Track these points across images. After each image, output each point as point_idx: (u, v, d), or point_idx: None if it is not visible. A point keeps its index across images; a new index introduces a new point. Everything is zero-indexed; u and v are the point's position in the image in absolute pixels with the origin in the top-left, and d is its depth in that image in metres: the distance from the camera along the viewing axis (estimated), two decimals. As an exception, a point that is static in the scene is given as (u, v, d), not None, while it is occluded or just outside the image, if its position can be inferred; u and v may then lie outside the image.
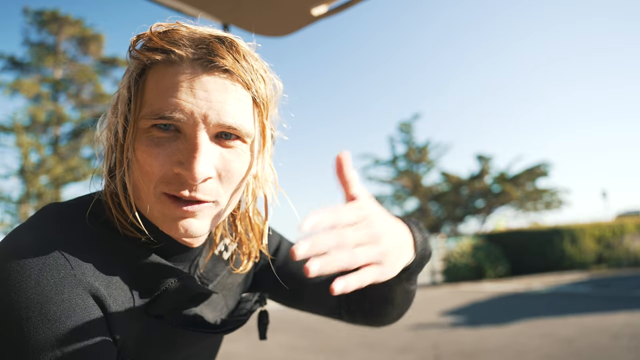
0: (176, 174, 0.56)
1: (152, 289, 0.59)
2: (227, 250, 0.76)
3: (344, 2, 1.29)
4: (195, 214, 0.57)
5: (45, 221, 0.57)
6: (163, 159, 0.55)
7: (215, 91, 0.56)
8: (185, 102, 0.54)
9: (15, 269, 0.49)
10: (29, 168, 21.78)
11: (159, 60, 0.56)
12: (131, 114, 0.56)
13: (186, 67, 0.56)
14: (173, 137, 0.56)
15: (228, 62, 0.56)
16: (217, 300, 0.73)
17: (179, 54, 0.55)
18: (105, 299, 0.53)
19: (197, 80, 0.55)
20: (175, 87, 0.55)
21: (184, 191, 0.56)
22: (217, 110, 0.56)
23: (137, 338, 0.58)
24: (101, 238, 0.58)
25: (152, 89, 0.56)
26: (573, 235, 12.68)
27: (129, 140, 0.56)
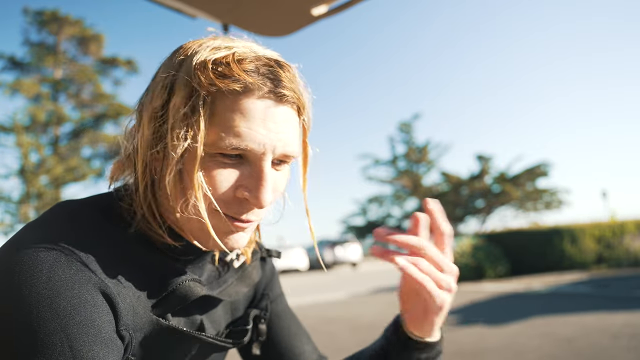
0: (239, 198, 0.58)
1: (160, 289, 0.60)
2: (239, 259, 0.77)
3: (344, 2, 1.29)
4: (245, 229, 0.61)
5: (58, 218, 0.58)
6: (227, 184, 0.58)
7: (282, 122, 0.59)
8: (258, 134, 0.56)
9: (27, 263, 0.50)
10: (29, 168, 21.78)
11: (235, 90, 0.56)
12: (200, 139, 0.56)
13: (259, 97, 0.57)
14: (237, 163, 0.58)
15: (292, 94, 0.59)
16: (223, 309, 0.74)
17: (255, 84, 0.56)
18: (114, 297, 0.54)
19: (269, 112, 0.57)
20: (249, 118, 0.56)
21: (243, 215, 0.60)
22: (284, 142, 0.59)
23: (142, 338, 0.59)
24: (112, 237, 0.59)
25: (223, 117, 0.56)
26: (573, 235, 12.67)
27: (192, 164, 0.56)
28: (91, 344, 0.50)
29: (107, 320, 0.53)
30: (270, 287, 0.87)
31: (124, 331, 0.55)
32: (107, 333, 0.52)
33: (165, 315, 0.61)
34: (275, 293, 0.87)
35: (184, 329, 0.63)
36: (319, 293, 11.41)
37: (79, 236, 0.55)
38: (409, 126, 41.00)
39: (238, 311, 0.79)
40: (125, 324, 0.55)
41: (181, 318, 0.64)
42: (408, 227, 0.59)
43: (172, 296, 0.61)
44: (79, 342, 0.49)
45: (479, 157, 38.27)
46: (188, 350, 0.66)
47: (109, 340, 0.52)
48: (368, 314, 7.89)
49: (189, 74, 0.57)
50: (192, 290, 0.62)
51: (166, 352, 0.62)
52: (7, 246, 0.54)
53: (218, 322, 0.72)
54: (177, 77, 0.58)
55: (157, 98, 0.59)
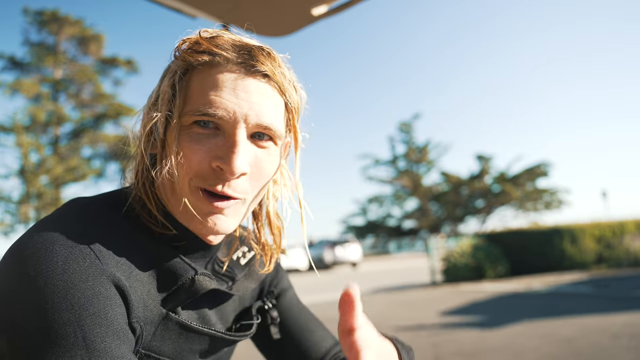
0: (213, 168, 0.59)
1: (170, 283, 0.61)
2: (245, 256, 0.79)
3: (344, 2, 1.29)
4: (223, 210, 0.61)
5: (72, 214, 0.60)
6: (202, 154, 0.59)
7: (255, 93, 0.60)
8: (228, 101, 0.59)
9: (43, 256, 0.52)
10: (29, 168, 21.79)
11: (205, 61, 0.60)
12: (175, 110, 0.60)
13: (230, 69, 0.60)
14: (213, 134, 0.60)
15: (267, 68, 0.61)
16: (231, 304, 0.76)
17: (224, 56, 0.60)
18: (127, 289, 0.55)
19: (240, 82, 0.60)
20: (219, 86, 0.59)
21: (218, 186, 0.60)
22: (257, 111, 0.60)
23: (153, 332, 0.60)
24: (124, 231, 0.60)
25: (197, 88, 0.60)
26: (573, 235, 12.67)
27: (174, 135, 0.60)
28: (104, 335, 0.51)
29: (120, 312, 0.54)
30: (275, 283, 0.88)
31: (135, 323, 0.57)
32: (120, 325, 0.53)
33: (175, 309, 0.62)
34: (281, 287, 0.88)
35: (192, 324, 0.64)
36: (319, 293, 11.42)
37: (92, 231, 0.57)
38: (409, 126, 41.03)
39: (246, 307, 0.81)
40: (136, 317, 0.57)
41: (191, 312, 0.66)
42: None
43: (182, 290, 0.62)
44: (92, 333, 0.50)
45: (479, 157, 38.29)
46: (197, 343, 0.67)
47: (121, 332, 0.53)
48: (368, 314, 7.82)
49: (172, 60, 0.63)
50: (202, 284, 0.63)
51: (176, 345, 0.63)
52: (22, 239, 0.55)
53: (226, 317, 0.74)
54: (167, 68, 0.64)
55: (154, 91, 0.65)
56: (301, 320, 0.88)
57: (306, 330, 0.87)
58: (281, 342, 0.85)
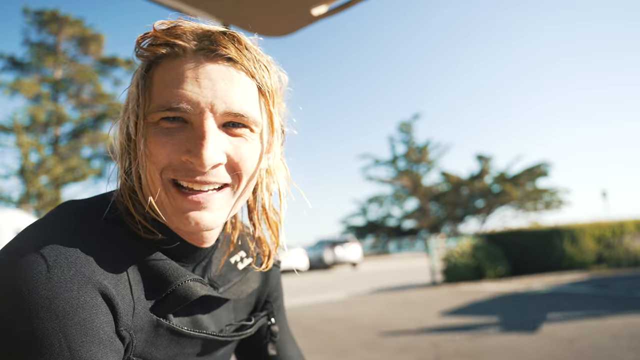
0: (184, 161, 0.57)
1: (160, 290, 0.60)
2: (243, 262, 0.77)
3: (344, 2, 1.29)
4: (204, 205, 0.58)
5: (60, 219, 0.58)
6: (171, 147, 0.57)
7: (220, 80, 0.57)
8: (191, 93, 0.56)
9: (27, 264, 0.51)
10: (29, 168, 21.78)
11: (163, 54, 0.58)
12: (140, 109, 0.58)
13: (190, 58, 0.57)
14: (181, 128, 0.57)
15: (231, 52, 0.58)
16: (225, 308, 0.74)
17: (183, 45, 0.57)
18: (114, 298, 0.54)
19: (202, 70, 0.57)
20: (180, 78, 0.56)
21: (191, 177, 0.57)
22: (223, 99, 0.57)
23: (144, 339, 0.59)
24: (113, 237, 0.59)
25: (158, 83, 0.58)
26: (573, 235, 12.67)
27: (140, 133, 0.58)
28: (89, 345, 0.50)
29: (106, 321, 0.53)
30: (275, 296, 0.88)
31: (123, 331, 0.55)
32: (106, 334, 0.52)
33: (166, 315, 0.61)
34: (277, 305, 0.88)
35: (184, 329, 0.62)
36: (319, 293, 11.41)
37: (80, 236, 0.56)
38: (409, 126, 41.02)
39: (241, 310, 0.79)
40: (125, 324, 0.55)
41: (182, 316, 0.64)
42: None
43: (172, 296, 0.61)
44: (77, 343, 0.49)
45: (479, 157, 38.28)
46: (190, 347, 0.66)
47: (108, 340, 0.52)
48: (368, 314, 7.88)
49: (133, 53, 0.61)
50: (192, 290, 0.62)
51: (168, 351, 0.62)
52: (9, 246, 0.54)
53: (220, 319, 0.72)
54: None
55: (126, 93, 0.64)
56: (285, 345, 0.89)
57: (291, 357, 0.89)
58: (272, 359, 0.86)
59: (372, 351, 5.19)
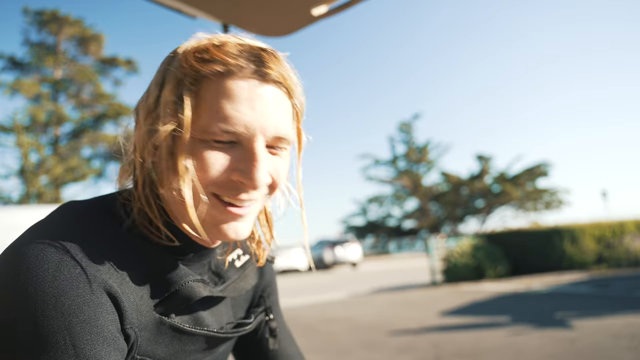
0: (233, 180, 0.58)
1: (163, 289, 0.61)
2: (240, 259, 0.79)
3: (344, 2, 1.29)
4: (243, 217, 0.61)
5: (64, 218, 0.59)
6: (220, 167, 0.58)
7: (270, 102, 0.59)
8: (246, 116, 0.57)
9: (33, 263, 0.51)
10: (29, 168, 21.78)
11: (217, 71, 0.57)
12: (185, 123, 0.57)
13: (243, 77, 0.57)
14: (231, 147, 0.58)
15: (279, 74, 0.59)
16: (225, 305, 0.75)
17: (237, 64, 0.57)
18: (119, 296, 0.55)
19: (255, 92, 0.58)
20: (235, 99, 0.57)
21: (237, 196, 0.59)
22: (274, 123, 0.59)
23: (147, 337, 0.60)
24: (117, 236, 0.59)
25: (210, 100, 0.57)
26: (573, 235, 12.66)
27: (182, 149, 0.57)
28: (94, 343, 0.50)
29: (111, 319, 0.53)
30: (268, 291, 0.89)
31: (129, 329, 0.56)
32: (110, 332, 0.53)
33: (168, 313, 0.62)
34: (272, 300, 0.89)
35: (185, 326, 0.64)
36: (319, 293, 11.41)
37: (84, 236, 0.56)
38: (409, 126, 41.01)
39: (241, 308, 0.81)
40: (130, 323, 0.56)
41: (184, 315, 0.65)
42: None
43: (175, 296, 0.62)
44: (81, 341, 0.50)
45: (479, 157, 38.28)
46: (191, 344, 0.67)
47: (112, 339, 0.53)
48: (368, 314, 7.88)
49: (175, 66, 0.59)
50: (195, 290, 0.63)
51: (169, 348, 0.63)
52: (14, 245, 0.55)
53: (220, 316, 0.74)
54: (166, 73, 0.60)
55: (150, 95, 0.62)
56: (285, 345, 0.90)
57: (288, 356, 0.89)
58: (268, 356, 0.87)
59: (372, 351, 5.19)
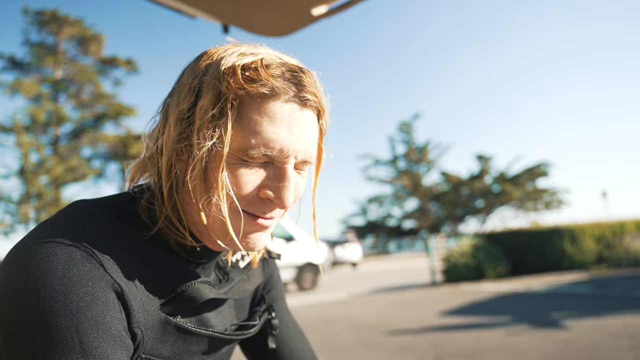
0: (261, 197, 0.60)
1: (169, 290, 0.62)
2: (244, 259, 0.79)
3: (344, 2, 1.29)
4: (267, 229, 0.63)
5: (73, 216, 0.59)
6: (251, 184, 0.59)
7: (306, 128, 0.61)
8: (284, 139, 0.58)
9: (43, 260, 0.52)
10: (29, 168, 21.76)
11: (263, 93, 0.58)
12: (226, 139, 0.57)
13: (284, 100, 0.58)
14: (263, 165, 0.60)
15: (315, 98, 0.61)
16: (228, 306, 0.76)
17: (281, 88, 0.58)
18: (126, 295, 0.55)
19: (294, 117, 0.59)
20: (275, 121, 0.58)
21: (267, 213, 0.62)
22: (306, 148, 0.61)
23: (153, 337, 0.60)
24: (125, 237, 0.60)
25: (252, 119, 0.58)
26: (573, 235, 12.66)
27: (217, 163, 0.58)
28: (100, 341, 0.51)
29: (118, 318, 0.54)
30: (268, 287, 0.89)
31: (136, 328, 0.57)
32: (117, 331, 0.53)
33: (174, 313, 0.63)
34: (273, 295, 0.89)
35: (190, 327, 0.64)
36: (319, 293, 11.41)
37: (93, 234, 0.57)
38: (409, 126, 41.00)
39: (243, 308, 0.82)
40: (137, 322, 0.57)
41: (189, 315, 0.66)
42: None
43: (181, 297, 0.62)
44: (89, 338, 0.50)
45: (479, 157, 38.27)
46: (195, 344, 0.67)
47: (119, 338, 0.53)
48: (368, 314, 7.88)
49: (217, 78, 0.59)
50: (201, 292, 0.64)
51: (174, 347, 0.64)
52: (23, 242, 0.55)
53: (225, 317, 0.74)
54: (204, 81, 0.60)
55: (183, 101, 0.61)
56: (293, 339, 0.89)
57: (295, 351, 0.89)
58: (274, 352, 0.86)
59: (372, 351, 5.20)
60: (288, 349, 0.87)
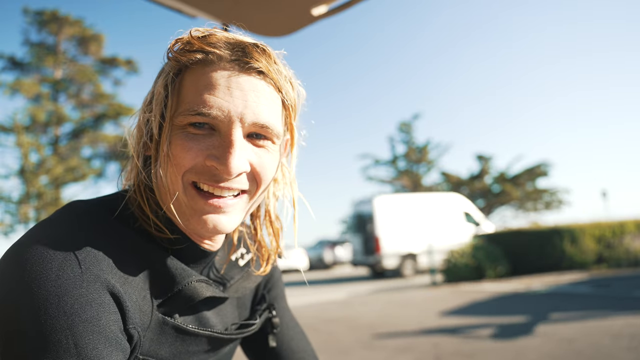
0: (208, 166, 0.59)
1: (166, 289, 0.61)
2: (243, 258, 0.79)
3: (344, 2, 1.29)
4: (223, 209, 0.60)
5: (68, 218, 0.59)
6: (196, 152, 0.58)
7: (250, 91, 0.59)
8: (222, 101, 0.57)
9: (37, 262, 0.51)
10: (29, 168, 21.76)
11: (197, 60, 0.59)
12: (167, 111, 0.59)
13: (223, 67, 0.59)
14: (208, 134, 0.59)
15: (262, 65, 0.60)
16: (230, 305, 0.75)
17: (218, 54, 0.59)
18: (121, 296, 0.55)
19: (234, 80, 0.58)
20: (213, 85, 0.58)
21: (213, 182, 0.59)
22: (253, 110, 0.59)
23: (150, 338, 0.60)
24: (121, 236, 0.60)
25: (190, 88, 0.59)
26: (573, 235, 12.66)
27: (165, 135, 0.59)
28: (95, 342, 0.50)
29: (113, 319, 0.53)
30: (268, 287, 0.88)
31: (132, 329, 0.56)
32: (113, 332, 0.53)
33: (172, 314, 0.62)
34: (274, 295, 0.89)
35: (189, 327, 0.63)
36: (319, 293, 11.41)
37: (88, 235, 0.56)
38: (409, 126, 40.97)
39: (246, 307, 0.81)
40: (133, 322, 0.56)
41: (188, 315, 0.65)
42: None
43: (178, 296, 0.62)
44: (83, 340, 0.50)
45: (479, 157, 38.26)
46: (194, 345, 0.66)
47: (114, 339, 0.53)
48: (368, 314, 7.88)
49: (165, 58, 0.62)
50: (198, 291, 0.63)
51: (173, 348, 0.63)
52: (18, 243, 0.55)
53: (225, 317, 0.74)
54: (161, 69, 0.64)
55: (149, 93, 0.64)
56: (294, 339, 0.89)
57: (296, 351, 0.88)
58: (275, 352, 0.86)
59: (372, 351, 5.19)
60: (289, 349, 0.87)
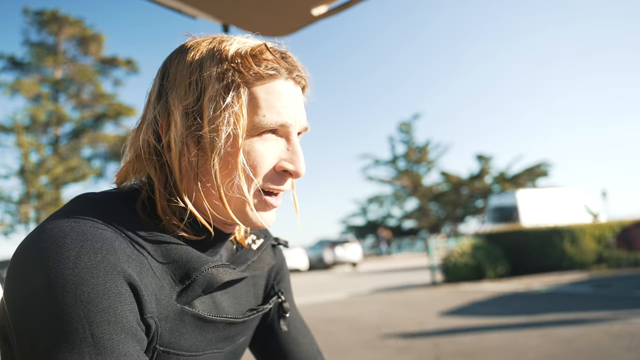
0: (277, 172, 0.65)
1: (184, 277, 0.61)
2: (255, 242, 0.81)
3: (344, 2, 1.29)
4: (275, 207, 0.68)
5: (83, 207, 0.59)
6: (268, 160, 0.64)
7: (299, 101, 0.68)
8: (290, 111, 0.65)
9: (54, 250, 0.51)
10: (29, 168, 21.75)
11: (269, 74, 0.64)
12: (240, 122, 0.61)
13: (285, 79, 0.65)
14: (274, 140, 0.65)
15: (303, 78, 0.68)
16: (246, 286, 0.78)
17: (282, 67, 0.65)
18: (138, 285, 0.55)
19: (293, 93, 0.66)
20: (282, 97, 0.64)
21: (280, 186, 0.66)
22: (302, 117, 0.68)
23: (169, 328, 0.60)
24: (135, 226, 0.60)
25: (262, 99, 0.63)
26: (573, 235, 12.65)
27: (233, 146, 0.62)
28: (112, 332, 0.51)
29: (130, 309, 0.53)
30: (279, 278, 0.89)
31: (150, 319, 0.56)
32: (129, 322, 0.53)
33: (190, 302, 0.62)
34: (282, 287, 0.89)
35: (208, 315, 0.64)
36: (319, 293, 11.41)
37: (103, 225, 0.56)
38: (409, 126, 40.96)
39: (258, 289, 0.83)
40: (150, 312, 0.56)
41: (205, 302, 0.66)
42: None
43: (196, 284, 0.62)
44: (100, 330, 0.50)
45: (479, 157, 38.26)
46: (212, 332, 0.67)
47: (131, 329, 0.53)
48: (368, 314, 7.88)
49: (221, 68, 0.62)
50: (215, 277, 0.63)
51: (193, 338, 0.63)
52: (34, 233, 0.55)
53: (240, 299, 0.75)
54: (205, 74, 0.62)
55: (187, 95, 0.63)
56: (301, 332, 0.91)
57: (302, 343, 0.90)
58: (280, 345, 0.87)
59: (372, 351, 5.19)
60: (295, 342, 0.88)
